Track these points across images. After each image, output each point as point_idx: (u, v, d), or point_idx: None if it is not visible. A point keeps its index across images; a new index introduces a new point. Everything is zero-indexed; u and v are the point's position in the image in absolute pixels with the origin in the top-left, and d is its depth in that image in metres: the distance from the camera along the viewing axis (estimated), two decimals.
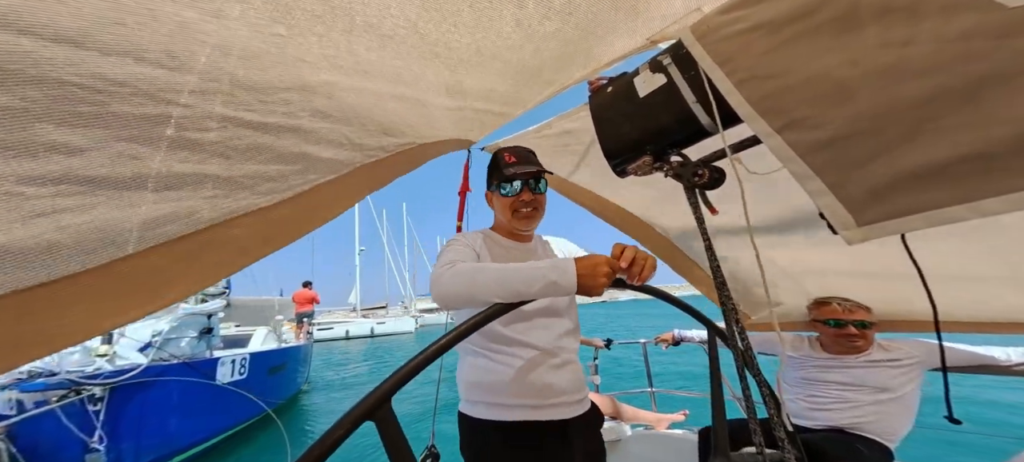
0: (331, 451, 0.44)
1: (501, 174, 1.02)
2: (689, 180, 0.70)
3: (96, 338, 4.04)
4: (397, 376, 0.52)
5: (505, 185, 1.02)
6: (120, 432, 3.86)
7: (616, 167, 0.84)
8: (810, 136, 0.50)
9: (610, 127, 0.85)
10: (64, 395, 3.52)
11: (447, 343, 0.60)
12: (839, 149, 0.47)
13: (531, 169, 1.01)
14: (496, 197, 1.06)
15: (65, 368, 3.71)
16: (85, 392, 3.60)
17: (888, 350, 1.37)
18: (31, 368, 3.71)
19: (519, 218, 1.02)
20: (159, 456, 4.24)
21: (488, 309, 0.68)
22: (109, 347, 4.02)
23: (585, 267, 0.70)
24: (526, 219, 1.03)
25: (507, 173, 1.01)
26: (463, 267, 0.80)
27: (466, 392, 0.97)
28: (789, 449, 0.57)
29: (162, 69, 0.56)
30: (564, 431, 0.92)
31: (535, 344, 0.94)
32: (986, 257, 1.17)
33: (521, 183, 1.01)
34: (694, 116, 0.69)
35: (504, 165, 1.03)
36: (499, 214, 1.07)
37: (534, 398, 0.91)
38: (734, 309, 0.65)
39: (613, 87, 0.86)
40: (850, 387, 1.34)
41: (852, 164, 0.47)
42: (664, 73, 0.74)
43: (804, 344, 1.55)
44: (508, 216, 1.03)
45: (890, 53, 0.44)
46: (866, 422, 1.28)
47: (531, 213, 1.02)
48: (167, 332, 4.54)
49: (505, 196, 1.02)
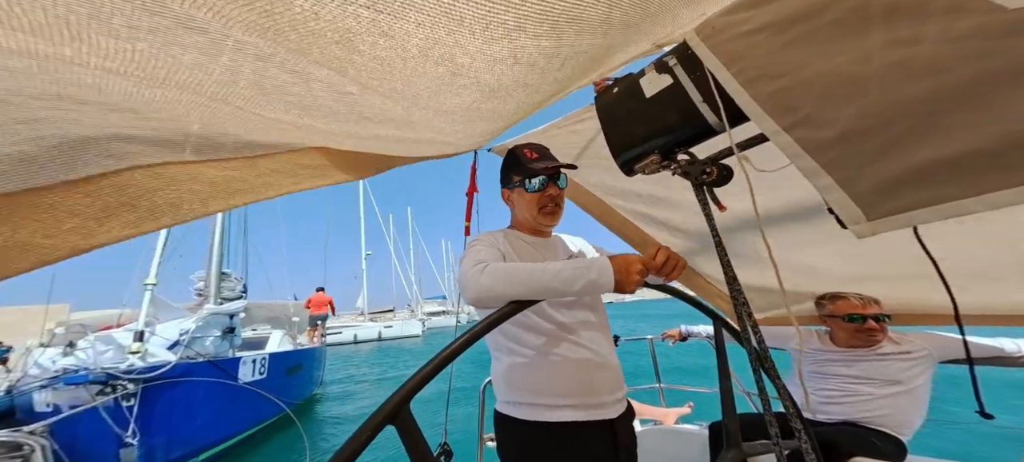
0: (355, 457, 0.46)
1: (524, 170, 1.01)
2: (698, 178, 0.70)
3: (128, 337, 4.27)
4: (415, 380, 0.53)
5: (529, 181, 1.00)
6: (152, 428, 4.03)
7: (624, 165, 0.85)
8: (819, 133, 0.50)
9: (617, 126, 0.86)
10: (101, 390, 3.70)
11: (462, 345, 0.60)
12: (848, 145, 0.48)
13: (555, 164, 1.01)
14: (519, 194, 1.03)
15: (99, 364, 3.91)
16: (120, 389, 3.77)
17: (899, 343, 1.35)
18: (65, 365, 3.94)
19: (545, 214, 1.01)
20: (186, 452, 4.41)
21: (503, 309, 0.69)
22: (141, 344, 4.21)
23: (620, 265, 0.72)
24: (551, 215, 1.02)
25: (531, 168, 1.00)
26: (498, 267, 0.78)
27: (506, 392, 0.93)
28: (806, 439, 0.57)
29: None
30: (609, 432, 0.89)
31: (574, 338, 0.92)
32: (997, 252, 1.14)
33: (545, 178, 1.00)
34: (701, 115, 0.70)
35: (527, 161, 1.01)
36: (522, 211, 1.05)
37: (579, 397, 0.88)
38: (746, 303, 0.65)
39: (619, 88, 0.87)
40: (861, 381, 1.33)
41: (862, 160, 0.47)
42: (670, 74, 0.75)
43: (813, 338, 1.53)
44: (534, 212, 1.01)
45: (898, 51, 0.44)
46: (878, 415, 1.27)
47: (556, 209, 1.02)
48: (193, 331, 4.74)
49: (530, 192, 1.00)
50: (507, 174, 1.08)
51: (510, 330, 0.94)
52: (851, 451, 1.16)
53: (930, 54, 0.42)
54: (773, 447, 0.61)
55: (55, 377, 3.79)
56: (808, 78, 0.52)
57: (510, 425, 0.91)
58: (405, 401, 0.52)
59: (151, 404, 3.99)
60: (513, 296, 0.72)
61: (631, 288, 0.72)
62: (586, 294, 0.73)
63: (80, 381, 3.66)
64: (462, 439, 1.86)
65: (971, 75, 0.39)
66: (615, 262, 0.72)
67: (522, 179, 1.02)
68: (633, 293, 0.74)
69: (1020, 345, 1.27)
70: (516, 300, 0.72)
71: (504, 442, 0.93)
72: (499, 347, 0.97)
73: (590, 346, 0.93)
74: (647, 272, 0.73)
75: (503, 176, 1.10)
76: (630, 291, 0.73)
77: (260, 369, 5.64)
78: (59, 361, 4.08)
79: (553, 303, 0.94)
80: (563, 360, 0.90)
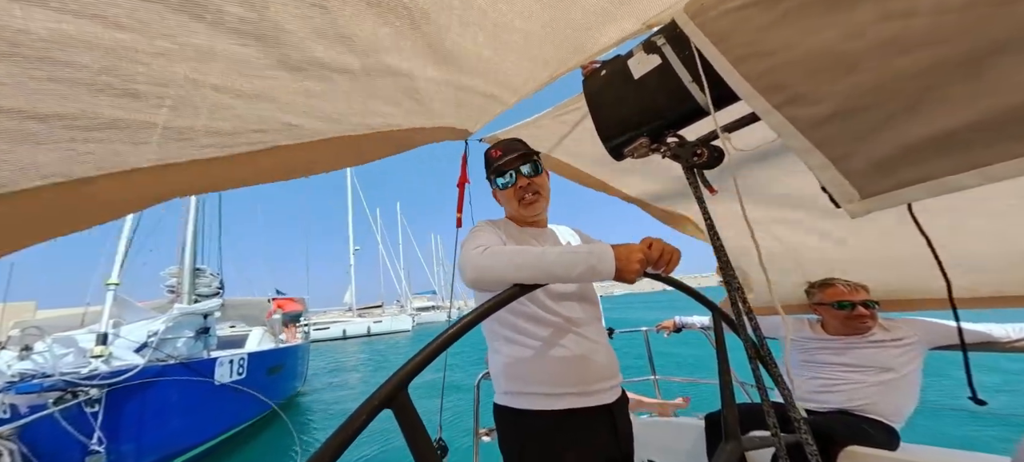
0: (351, 439, 0.43)
1: (493, 169, 1.06)
2: (688, 160, 0.68)
3: (90, 339, 4.02)
4: (412, 364, 0.51)
5: (499, 178, 1.06)
6: (120, 434, 3.84)
7: (613, 150, 0.83)
8: (811, 111, 0.48)
9: (606, 110, 0.83)
10: (60, 397, 3.48)
11: (459, 330, 0.58)
12: (841, 122, 0.46)
13: (516, 155, 1.04)
14: (496, 191, 1.10)
15: (59, 369, 3.67)
16: (82, 394, 3.56)
17: (890, 330, 1.36)
18: (23, 371, 3.68)
19: (525, 205, 1.05)
20: (160, 457, 4.23)
21: (503, 293, 0.67)
22: (104, 348, 3.97)
23: (622, 254, 0.71)
24: (531, 204, 1.05)
25: (497, 167, 1.05)
26: (499, 249, 0.79)
27: (505, 383, 0.93)
28: (805, 431, 0.56)
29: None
30: (608, 416, 0.91)
31: (573, 328, 0.93)
32: (987, 230, 1.16)
33: (513, 172, 1.04)
34: (690, 95, 0.68)
35: (493, 160, 1.07)
36: (506, 206, 1.10)
37: (580, 384, 0.89)
38: (739, 288, 0.64)
39: (607, 70, 0.84)
40: (854, 368, 1.34)
41: (855, 137, 0.45)
42: (659, 54, 0.73)
43: (804, 326, 1.54)
44: (515, 205, 1.06)
45: (892, 25, 0.43)
46: (871, 403, 1.27)
47: (535, 198, 1.04)
48: (163, 332, 4.51)
49: (504, 188, 1.06)
50: (487, 176, 1.13)
51: (508, 320, 0.95)
52: (844, 439, 1.17)
53: (925, 26, 0.41)
54: (772, 439, 0.61)
55: (10, 384, 3.54)
56: (798, 55, 0.50)
57: (511, 416, 0.91)
58: (403, 384, 0.50)
59: (118, 409, 3.80)
60: (512, 278, 0.72)
61: (632, 277, 0.71)
62: (585, 280, 0.73)
63: (33, 390, 3.44)
64: (453, 434, 1.83)
65: (969, 46, 0.37)
66: (618, 251, 0.72)
67: (494, 178, 1.07)
68: (634, 282, 0.73)
69: (1008, 330, 1.28)
70: (517, 283, 0.70)
71: (506, 433, 0.93)
72: (497, 337, 0.97)
73: (588, 336, 0.95)
74: (646, 263, 0.73)
75: (486, 178, 1.15)
76: (630, 280, 0.72)
77: (239, 370, 5.43)
78: (15, 365, 3.81)
79: (551, 293, 0.95)
80: (562, 350, 0.91)
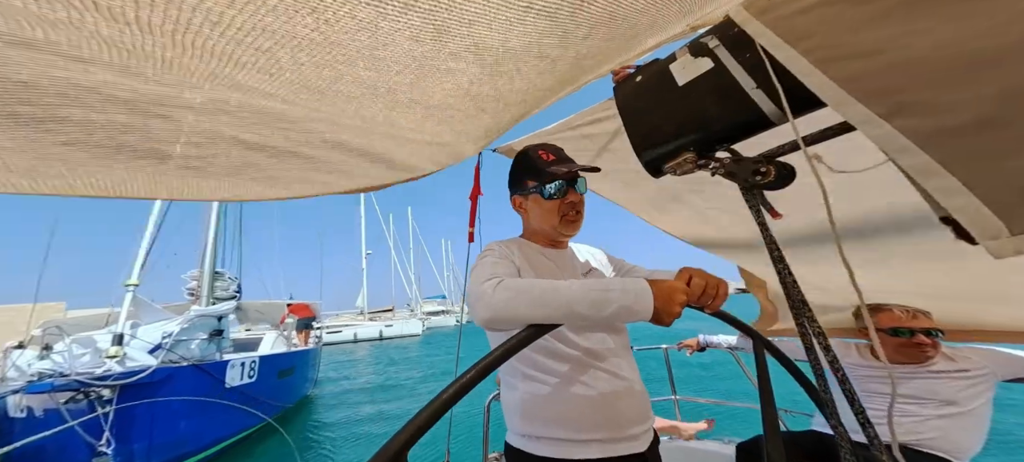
0: None
1: (541, 174, 0.90)
2: (747, 179, 0.58)
3: (107, 339, 4.08)
4: (413, 426, 0.45)
5: (547, 187, 0.89)
6: (129, 435, 3.86)
7: (650, 164, 0.73)
8: (931, 122, 0.38)
9: (642, 119, 0.74)
10: (71, 397, 3.52)
11: (471, 380, 0.51)
12: (979, 136, 0.36)
13: (577, 166, 0.90)
14: (534, 201, 0.92)
15: (75, 369, 3.73)
16: (93, 394, 3.59)
17: (954, 360, 1.22)
18: (42, 370, 3.75)
19: (566, 223, 0.90)
20: (167, 459, 4.23)
21: (521, 333, 0.58)
22: (119, 348, 4.03)
23: (662, 293, 0.61)
24: (572, 224, 0.91)
25: (549, 172, 0.89)
26: (514, 283, 0.67)
27: (520, 423, 0.83)
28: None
29: None
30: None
31: (601, 362, 0.83)
32: None
33: (565, 183, 0.89)
34: (751, 104, 0.58)
35: (543, 164, 0.90)
36: (539, 221, 0.93)
37: (607, 430, 0.79)
38: (812, 318, 0.55)
39: (643, 76, 0.75)
40: (911, 400, 1.21)
41: (999, 155, 0.35)
42: (710, 57, 0.63)
43: (852, 351, 1.40)
44: (554, 221, 0.90)
45: None
46: (930, 438, 1.15)
47: (577, 217, 0.92)
48: (177, 334, 4.56)
49: (549, 199, 0.89)
50: (519, 179, 0.96)
51: (526, 354, 0.83)
52: None
53: None
54: None
55: (29, 383, 3.61)
56: (912, 55, 0.40)
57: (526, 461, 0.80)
58: (402, 452, 0.43)
59: (128, 410, 3.82)
60: (532, 318, 0.62)
61: (670, 320, 0.61)
62: (618, 321, 0.63)
63: (44, 389, 3.48)
64: (461, 451, 1.72)
65: None
66: (657, 289, 0.61)
67: (538, 185, 0.90)
68: (670, 325, 0.63)
69: None
70: (536, 323, 0.60)
71: None
72: (513, 372, 0.86)
73: (617, 372, 0.84)
74: (687, 303, 0.63)
75: (513, 181, 0.98)
76: (669, 323, 0.62)
77: (250, 372, 5.45)
78: (34, 365, 3.89)
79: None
80: (587, 389, 0.80)
